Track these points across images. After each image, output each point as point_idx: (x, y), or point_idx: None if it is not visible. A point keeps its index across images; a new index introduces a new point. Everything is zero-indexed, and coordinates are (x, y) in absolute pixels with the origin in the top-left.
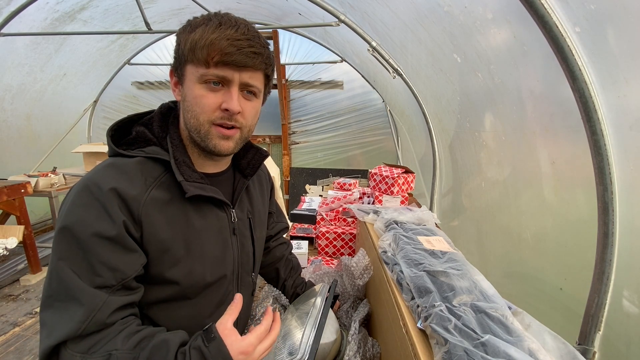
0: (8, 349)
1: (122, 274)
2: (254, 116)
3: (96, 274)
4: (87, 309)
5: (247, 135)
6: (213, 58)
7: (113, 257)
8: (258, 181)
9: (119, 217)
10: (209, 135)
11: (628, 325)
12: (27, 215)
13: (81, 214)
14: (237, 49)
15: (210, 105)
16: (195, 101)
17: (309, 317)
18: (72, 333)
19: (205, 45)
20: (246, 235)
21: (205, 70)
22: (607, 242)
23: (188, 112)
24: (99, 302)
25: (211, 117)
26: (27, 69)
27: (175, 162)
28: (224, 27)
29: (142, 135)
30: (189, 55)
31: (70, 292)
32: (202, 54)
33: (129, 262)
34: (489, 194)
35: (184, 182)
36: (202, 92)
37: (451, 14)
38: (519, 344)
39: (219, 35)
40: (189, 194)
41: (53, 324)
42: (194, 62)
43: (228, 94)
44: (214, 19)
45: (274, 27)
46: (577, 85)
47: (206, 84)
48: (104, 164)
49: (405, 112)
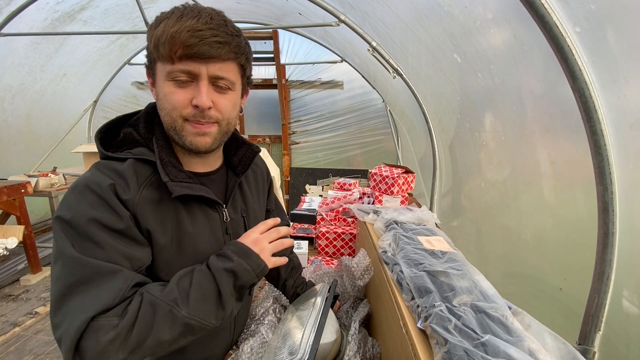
0: (8, 349)
1: (138, 261)
2: (231, 109)
3: (116, 263)
4: (122, 280)
5: (227, 128)
6: (176, 52)
7: (127, 248)
8: (254, 178)
9: (125, 212)
10: (183, 132)
11: (628, 325)
12: (27, 215)
13: (85, 209)
14: (199, 39)
15: (180, 102)
16: (165, 99)
17: (309, 317)
18: (108, 303)
19: (167, 40)
20: (240, 234)
21: (171, 67)
22: (607, 242)
23: (162, 110)
24: (130, 275)
25: (183, 113)
26: (27, 69)
27: (160, 162)
28: (185, 19)
29: (129, 136)
30: (154, 52)
31: (99, 271)
32: (165, 49)
33: (142, 251)
34: (489, 194)
35: (169, 183)
36: (171, 89)
37: (451, 14)
38: (519, 344)
39: (179, 27)
40: (175, 194)
41: (84, 302)
42: (160, 59)
43: (197, 88)
44: (176, 11)
45: (274, 27)
46: (577, 85)
47: (174, 81)
48: (98, 166)
49: (405, 112)
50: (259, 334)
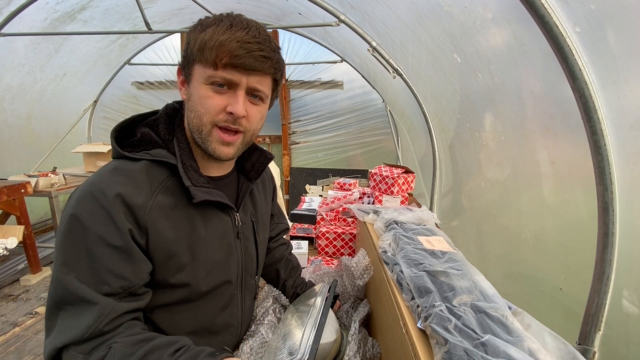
0: (8, 349)
1: (129, 282)
2: (259, 121)
3: (103, 282)
4: (96, 315)
5: (250, 139)
6: (222, 60)
7: (120, 266)
8: (262, 183)
9: (125, 225)
10: (209, 138)
11: (628, 325)
12: (27, 215)
13: (86, 221)
14: (246, 51)
15: (214, 107)
16: (200, 102)
17: (309, 317)
18: (79, 337)
19: (215, 47)
20: (250, 238)
21: (213, 72)
22: (607, 242)
23: (192, 111)
24: (107, 309)
25: (215, 118)
26: (27, 69)
27: (182, 166)
28: (234, 29)
29: (147, 137)
30: (197, 55)
31: (79, 298)
32: (210, 55)
33: (136, 270)
34: (489, 194)
35: (192, 188)
36: (207, 93)
37: (451, 14)
38: (519, 344)
39: (229, 36)
40: (197, 199)
41: (61, 327)
42: (202, 62)
43: (234, 97)
44: (225, 19)
45: (274, 27)
46: (577, 85)
47: (212, 86)
48: (108, 168)
49: (405, 112)
50: (259, 334)
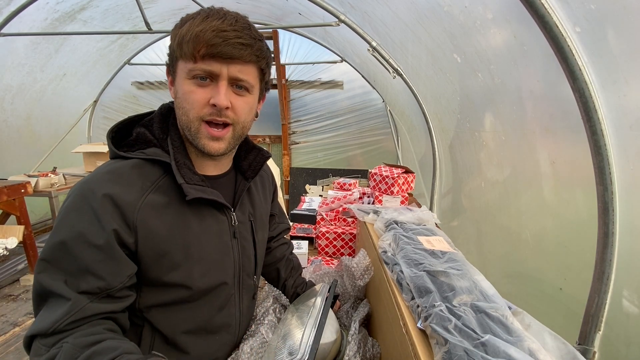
0: (8, 349)
1: (106, 284)
2: (247, 112)
3: (81, 280)
4: (65, 311)
5: (241, 132)
6: (199, 51)
7: (99, 266)
8: (261, 183)
9: (110, 225)
10: (198, 135)
11: (628, 325)
12: (27, 215)
13: (72, 219)
14: (222, 40)
15: (199, 101)
16: (184, 97)
17: (309, 317)
18: (44, 330)
19: (192, 39)
20: (247, 238)
21: (192, 65)
22: (607, 242)
23: (179, 109)
24: (77, 307)
25: (200, 113)
26: (27, 69)
27: (176, 164)
28: (210, 19)
29: (142, 136)
30: (177, 50)
31: (54, 293)
32: (188, 47)
33: (116, 272)
34: (489, 194)
35: (185, 185)
36: (191, 88)
37: (451, 14)
38: (519, 344)
39: (204, 27)
40: (190, 196)
41: (37, 318)
42: (182, 57)
43: (216, 88)
44: (202, 12)
45: (274, 27)
46: (577, 85)
47: (194, 80)
48: (103, 169)
49: (405, 112)
50: (259, 334)
